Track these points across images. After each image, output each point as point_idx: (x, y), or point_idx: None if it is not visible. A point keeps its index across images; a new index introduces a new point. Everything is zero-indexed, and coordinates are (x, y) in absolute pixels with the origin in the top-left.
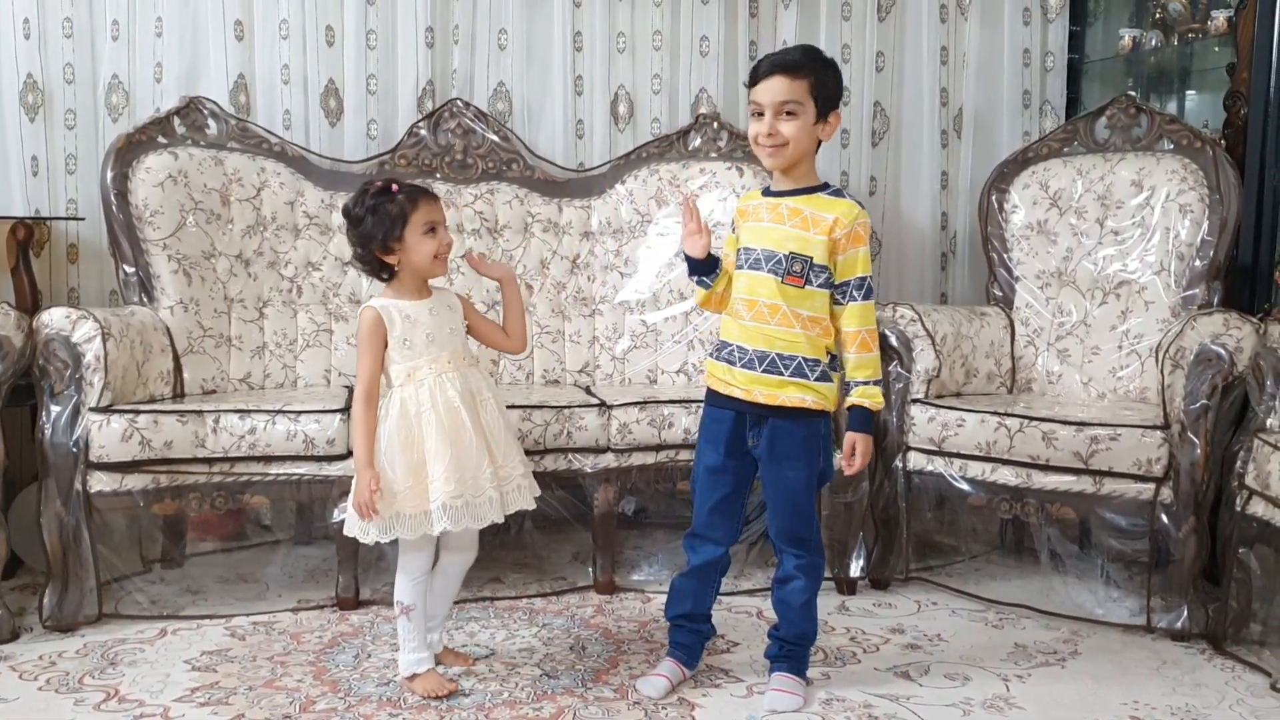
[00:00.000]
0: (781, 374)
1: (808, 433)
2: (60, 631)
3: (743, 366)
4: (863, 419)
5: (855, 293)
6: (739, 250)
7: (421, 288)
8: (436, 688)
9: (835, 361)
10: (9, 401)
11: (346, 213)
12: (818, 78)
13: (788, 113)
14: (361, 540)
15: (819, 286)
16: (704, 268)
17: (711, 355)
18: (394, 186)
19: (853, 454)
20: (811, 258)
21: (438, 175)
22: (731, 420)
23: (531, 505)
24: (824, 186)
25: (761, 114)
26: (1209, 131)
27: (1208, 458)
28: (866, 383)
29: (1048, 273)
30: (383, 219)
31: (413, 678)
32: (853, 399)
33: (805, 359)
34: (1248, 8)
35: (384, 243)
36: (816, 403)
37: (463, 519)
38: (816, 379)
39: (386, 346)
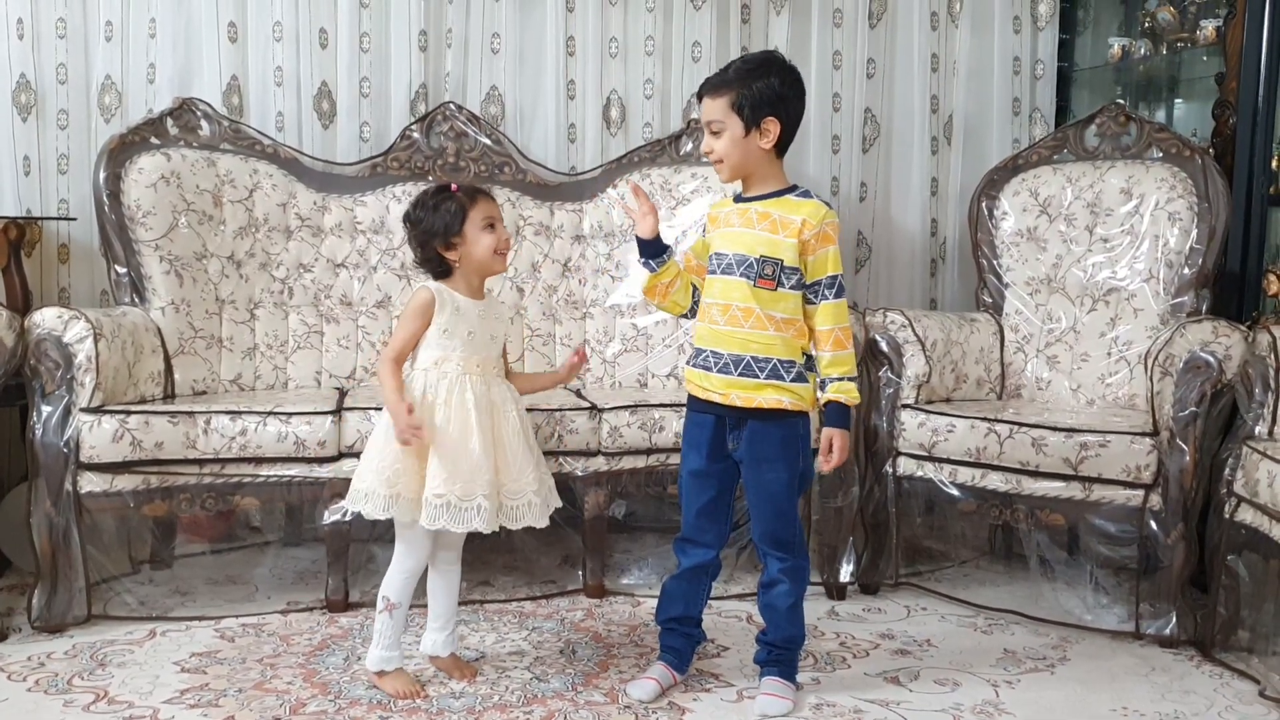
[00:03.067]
0: (757, 376)
1: (786, 434)
2: (49, 632)
3: (719, 371)
4: (839, 415)
5: (826, 291)
6: (710, 256)
7: (478, 290)
8: (404, 688)
9: (811, 363)
10: None
11: (407, 217)
12: (739, 91)
13: (714, 131)
14: (366, 515)
15: (791, 288)
16: (652, 250)
17: (689, 363)
18: (453, 186)
19: (830, 450)
20: (782, 260)
21: (430, 178)
22: (712, 424)
23: (543, 523)
24: (792, 189)
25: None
26: (1197, 140)
27: (1196, 465)
28: (842, 379)
29: (1037, 279)
30: (443, 215)
31: (380, 675)
32: (828, 395)
33: (781, 361)
34: (1236, 18)
35: (445, 238)
36: (793, 404)
37: (440, 519)
38: (792, 380)
39: (428, 328)
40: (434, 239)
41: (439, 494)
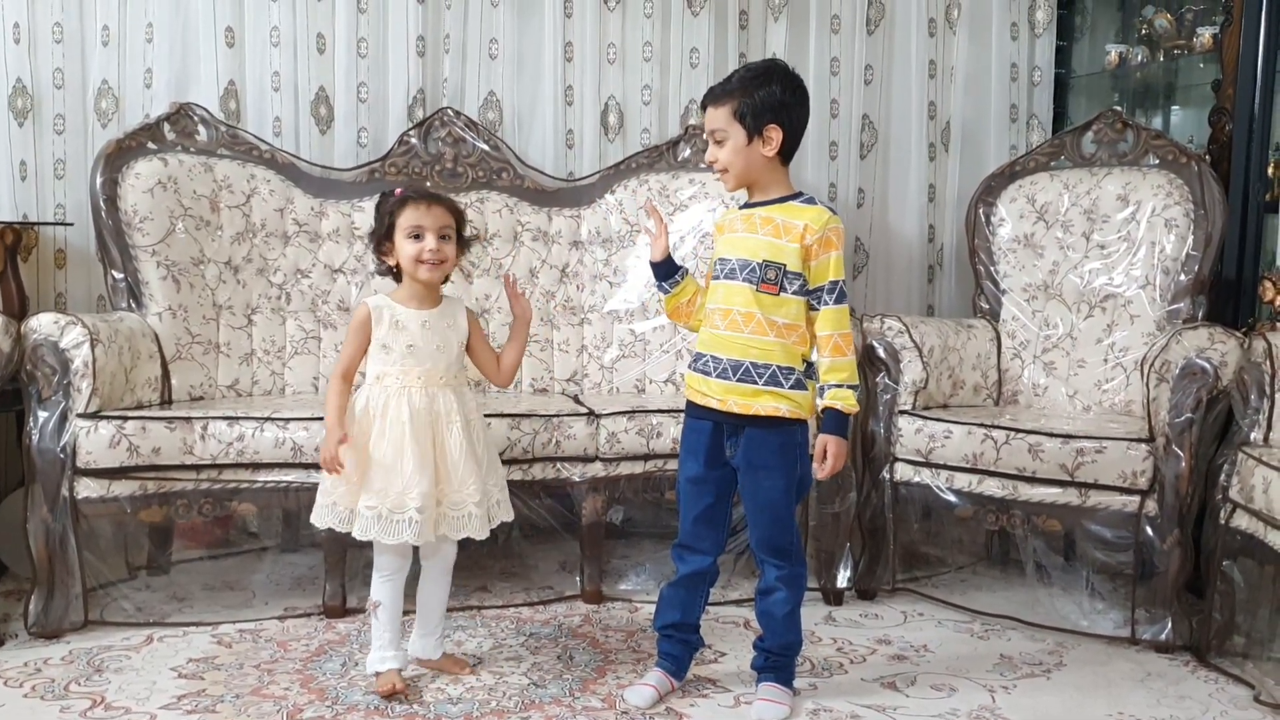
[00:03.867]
0: (755, 383)
1: (783, 441)
2: (46, 638)
3: (717, 376)
4: (836, 422)
5: (827, 297)
6: (715, 262)
7: (427, 297)
8: (387, 685)
9: (811, 369)
10: None
11: None
12: (740, 99)
13: (717, 140)
14: (316, 523)
15: (793, 293)
16: (664, 271)
17: (689, 367)
18: (397, 190)
19: (824, 457)
20: (785, 265)
21: (428, 184)
22: (709, 430)
23: (482, 535)
24: (797, 195)
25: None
26: (1194, 147)
27: (1192, 471)
28: (840, 386)
29: (1034, 286)
30: (379, 220)
31: (377, 675)
32: (825, 401)
33: (780, 367)
34: (1233, 25)
35: (377, 243)
36: (791, 411)
37: (371, 530)
38: (791, 387)
39: (370, 343)
40: (372, 243)
41: (370, 506)
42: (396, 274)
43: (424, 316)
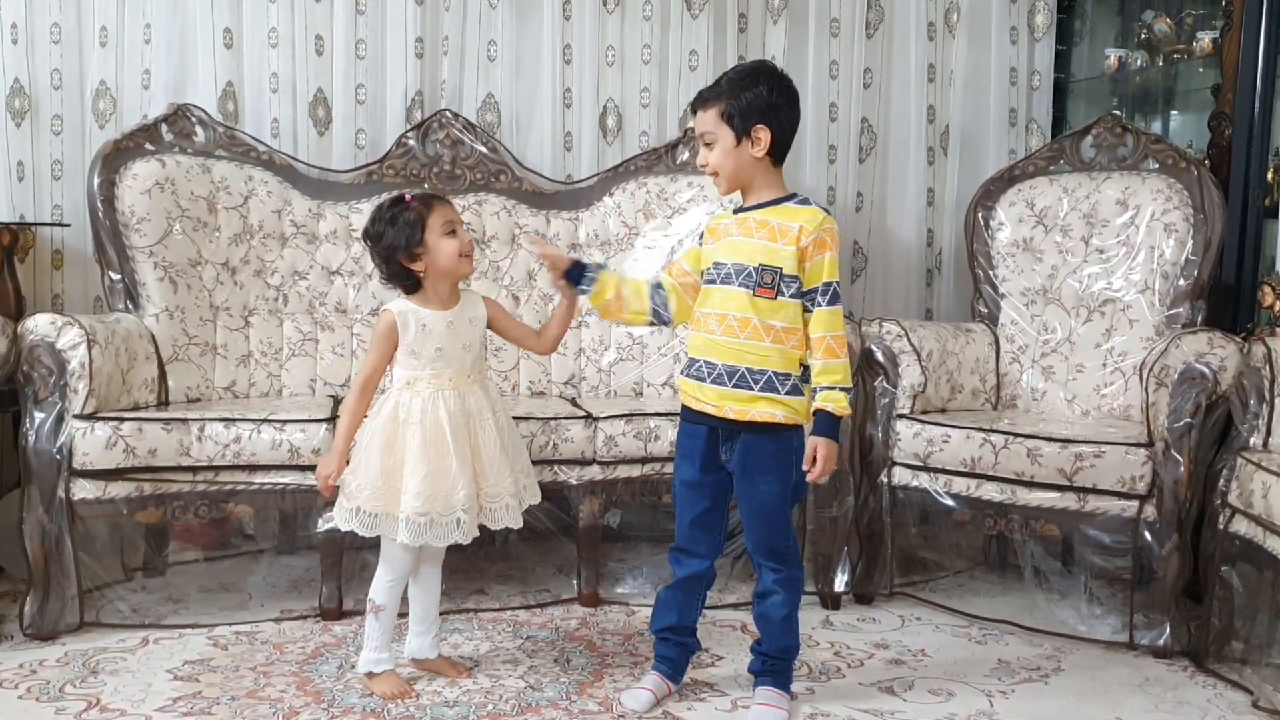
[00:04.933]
0: (751, 388)
1: (779, 447)
2: (41, 640)
3: (712, 382)
4: (826, 424)
5: (821, 299)
6: (709, 266)
7: (449, 296)
8: (394, 689)
9: (808, 374)
10: None
11: (366, 234)
12: (727, 101)
13: (707, 143)
14: (339, 526)
15: (790, 297)
16: (575, 276)
17: (682, 373)
18: (406, 196)
19: (814, 460)
20: (781, 269)
21: (426, 186)
22: (705, 435)
23: (517, 524)
24: (791, 196)
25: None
26: (1193, 151)
27: (1191, 476)
28: (832, 388)
29: (1033, 290)
30: (402, 227)
31: (370, 676)
32: (816, 404)
33: (776, 373)
34: (1232, 30)
35: (408, 250)
36: (787, 417)
37: (423, 536)
38: (787, 393)
39: (396, 350)
40: (397, 252)
41: (421, 512)
42: (411, 282)
43: (448, 317)
